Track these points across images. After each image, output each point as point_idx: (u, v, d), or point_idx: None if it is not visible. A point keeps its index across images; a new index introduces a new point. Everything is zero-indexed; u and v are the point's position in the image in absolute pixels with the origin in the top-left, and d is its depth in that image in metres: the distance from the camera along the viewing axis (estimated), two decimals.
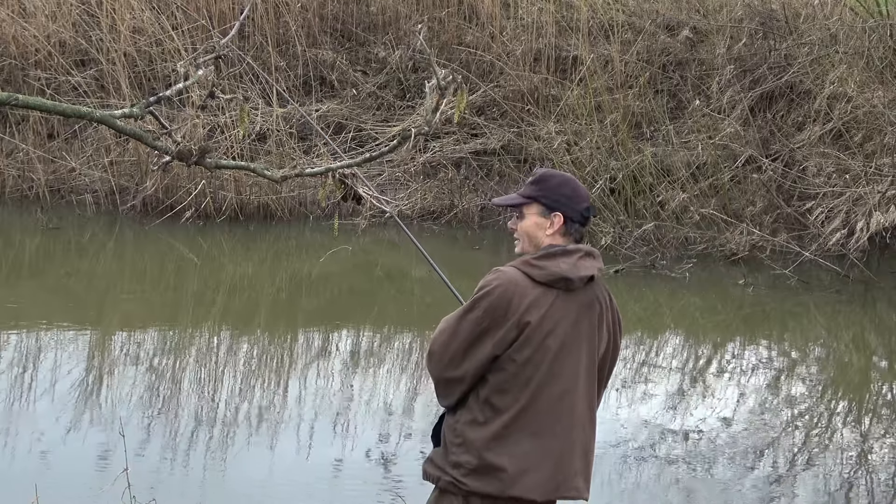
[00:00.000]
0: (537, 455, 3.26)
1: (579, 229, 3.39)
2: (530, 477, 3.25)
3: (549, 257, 3.30)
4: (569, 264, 3.29)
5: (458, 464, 3.28)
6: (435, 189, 11.85)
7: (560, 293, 3.28)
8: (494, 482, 3.24)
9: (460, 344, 3.27)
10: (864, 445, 6.90)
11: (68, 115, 4.06)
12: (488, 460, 3.24)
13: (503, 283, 3.26)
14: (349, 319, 9.07)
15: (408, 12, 13.14)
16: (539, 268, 3.28)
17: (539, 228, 3.38)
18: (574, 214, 3.37)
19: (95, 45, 12.23)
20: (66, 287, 9.57)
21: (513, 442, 3.25)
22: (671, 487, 6.07)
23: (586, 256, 3.34)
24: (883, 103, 11.37)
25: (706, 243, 10.85)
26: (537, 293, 3.26)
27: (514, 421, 3.25)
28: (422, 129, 3.65)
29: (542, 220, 3.38)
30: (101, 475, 5.64)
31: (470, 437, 3.27)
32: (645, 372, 8.00)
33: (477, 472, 3.25)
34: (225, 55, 3.41)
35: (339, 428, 6.52)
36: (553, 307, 3.26)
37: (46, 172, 11.63)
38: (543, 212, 3.38)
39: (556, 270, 3.27)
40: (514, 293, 3.24)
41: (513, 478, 3.24)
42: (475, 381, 3.29)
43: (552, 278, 3.27)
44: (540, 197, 3.39)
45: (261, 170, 3.89)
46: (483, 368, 3.27)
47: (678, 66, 12.69)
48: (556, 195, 3.37)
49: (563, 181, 3.42)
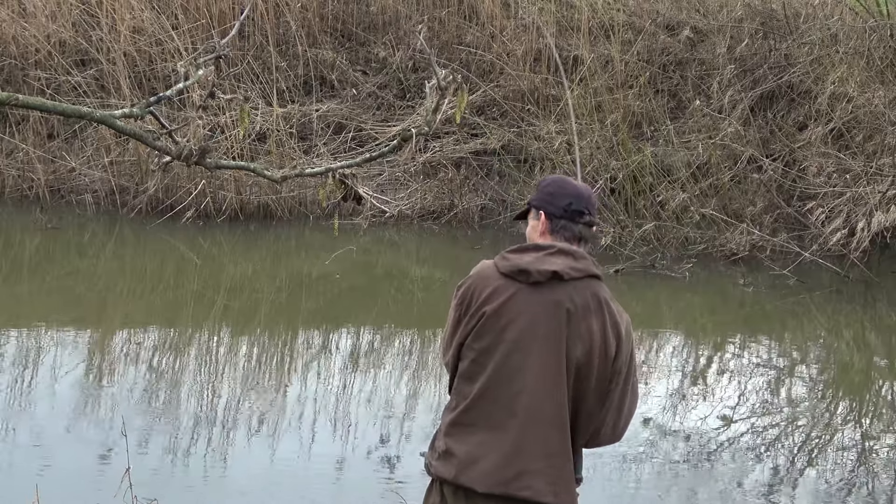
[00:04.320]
0: (486, 446, 3.24)
1: (568, 226, 3.36)
2: (476, 467, 3.24)
3: (519, 251, 3.35)
4: (533, 258, 3.29)
5: (433, 448, 3.38)
6: (435, 189, 11.84)
7: (523, 287, 3.27)
8: (450, 467, 3.28)
9: (448, 333, 3.40)
10: (864, 445, 6.90)
11: (68, 115, 4.06)
12: (447, 446, 3.30)
13: (475, 274, 3.37)
14: (349, 319, 9.07)
15: (408, 12, 13.13)
16: (505, 259, 3.34)
17: (533, 230, 3.44)
18: (555, 210, 3.37)
19: (95, 45, 12.23)
20: (66, 287, 9.57)
21: (467, 430, 3.28)
22: (671, 487, 6.07)
23: (559, 253, 3.30)
24: (883, 103, 11.37)
25: (706, 243, 10.85)
26: (499, 284, 3.29)
27: (469, 408, 3.29)
28: (422, 130, 3.66)
29: (534, 221, 3.44)
30: (101, 475, 5.65)
31: (443, 422, 3.38)
32: (645, 372, 8.00)
33: (442, 457, 3.32)
34: (225, 55, 3.42)
35: (340, 428, 6.52)
36: (513, 299, 3.26)
37: (46, 172, 11.62)
38: (534, 213, 3.45)
39: (518, 262, 3.29)
40: (480, 282, 3.33)
41: (462, 464, 3.25)
42: (454, 369, 3.37)
43: (511, 269, 3.29)
44: (532, 200, 3.48)
45: (261, 170, 3.89)
46: (457, 357, 3.35)
47: (678, 66, 12.69)
48: (542, 194, 3.44)
49: (553, 181, 3.48)
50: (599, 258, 10.52)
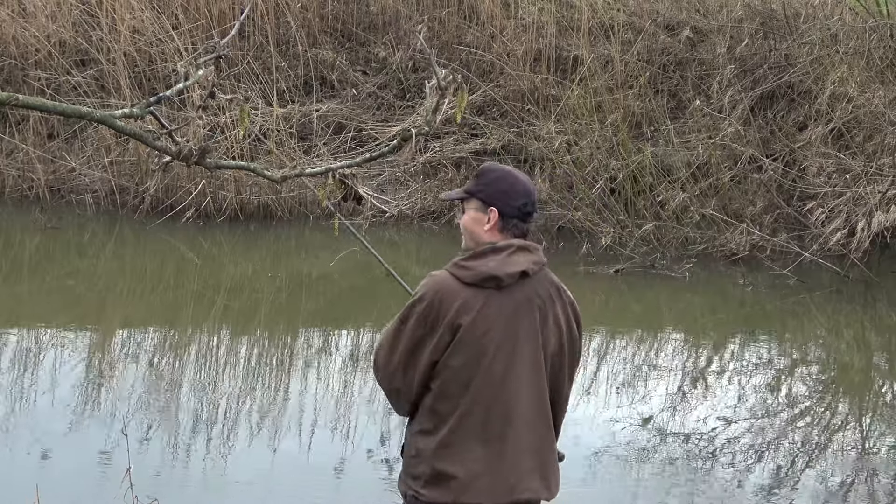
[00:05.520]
0: (485, 460, 3.20)
1: (518, 225, 3.29)
2: (481, 482, 3.19)
3: (476, 257, 3.24)
4: (497, 262, 3.21)
5: (415, 476, 3.25)
6: (435, 189, 11.84)
7: (492, 292, 3.21)
8: (447, 491, 3.20)
9: (401, 354, 3.23)
10: (864, 445, 6.90)
11: (68, 115, 4.07)
12: (439, 469, 3.20)
13: (433, 288, 3.22)
14: (349, 319, 9.07)
15: (408, 12, 13.14)
16: (466, 268, 3.23)
17: (477, 224, 3.31)
18: (509, 210, 3.28)
19: (95, 45, 12.23)
20: (66, 287, 9.57)
21: (460, 448, 3.20)
22: (671, 487, 6.07)
23: (519, 251, 3.25)
24: (883, 103, 11.37)
25: (706, 243, 10.85)
26: (467, 295, 3.19)
27: (457, 427, 3.20)
28: (422, 130, 3.66)
29: (480, 215, 3.31)
30: (102, 475, 5.65)
31: (421, 447, 3.25)
32: (645, 372, 8.00)
33: (431, 482, 3.21)
34: (225, 55, 3.42)
35: (340, 428, 6.52)
36: (486, 307, 3.19)
37: (46, 172, 11.62)
38: (480, 207, 3.31)
39: (483, 270, 3.20)
40: (444, 297, 3.19)
41: (464, 484, 3.19)
42: (421, 389, 3.24)
43: (479, 278, 3.20)
44: (477, 192, 3.33)
45: (261, 170, 3.90)
46: (425, 376, 3.22)
47: (678, 66, 12.69)
48: (492, 190, 3.30)
49: (502, 175, 3.34)
50: (599, 258, 10.59)
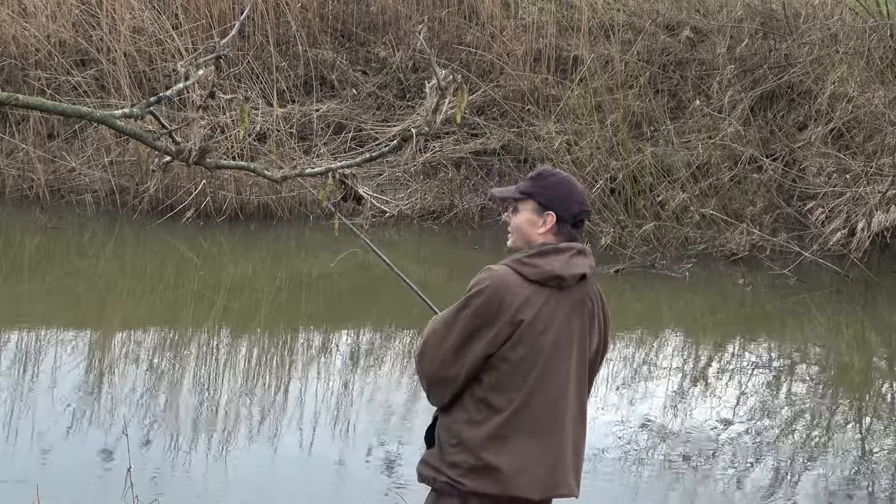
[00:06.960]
0: (535, 454, 3.26)
1: (570, 231, 3.37)
2: (528, 475, 3.25)
3: (541, 255, 3.30)
4: (561, 262, 3.29)
5: (454, 464, 3.27)
6: (435, 189, 11.84)
7: (553, 291, 3.28)
8: (492, 482, 3.24)
9: (453, 343, 3.26)
10: (864, 445, 6.90)
11: (68, 115, 4.06)
12: (486, 460, 3.24)
13: (495, 282, 3.26)
14: (349, 319, 9.07)
15: (408, 12, 13.13)
16: (531, 266, 3.28)
17: (531, 225, 3.36)
18: (566, 216, 3.35)
19: (95, 45, 12.23)
20: (66, 287, 9.57)
21: (511, 441, 3.25)
22: (671, 487, 6.07)
23: (578, 254, 3.33)
24: (883, 103, 11.37)
25: (706, 243, 10.85)
26: (529, 291, 3.26)
27: (511, 420, 3.25)
28: (422, 130, 3.66)
29: (536, 217, 3.36)
30: (102, 475, 5.65)
31: (466, 436, 3.27)
32: (645, 372, 8.00)
33: (475, 472, 3.25)
34: (225, 55, 3.42)
35: (340, 428, 6.52)
36: (546, 305, 3.27)
37: (46, 172, 11.62)
38: (537, 209, 3.36)
39: (549, 269, 3.27)
40: (507, 291, 3.24)
41: (510, 477, 3.24)
42: (468, 380, 3.28)
43: (544, 276, 3.27)
44: (535, 194, 3.38)
45: (261, 170, 3.89)
46: (476, 367, 3.26)
47: (678, 66, 12.69)
48: (552, 194, 3.36)
49: (560, 181, 3.40)
50: (599, 258, 10.57)
